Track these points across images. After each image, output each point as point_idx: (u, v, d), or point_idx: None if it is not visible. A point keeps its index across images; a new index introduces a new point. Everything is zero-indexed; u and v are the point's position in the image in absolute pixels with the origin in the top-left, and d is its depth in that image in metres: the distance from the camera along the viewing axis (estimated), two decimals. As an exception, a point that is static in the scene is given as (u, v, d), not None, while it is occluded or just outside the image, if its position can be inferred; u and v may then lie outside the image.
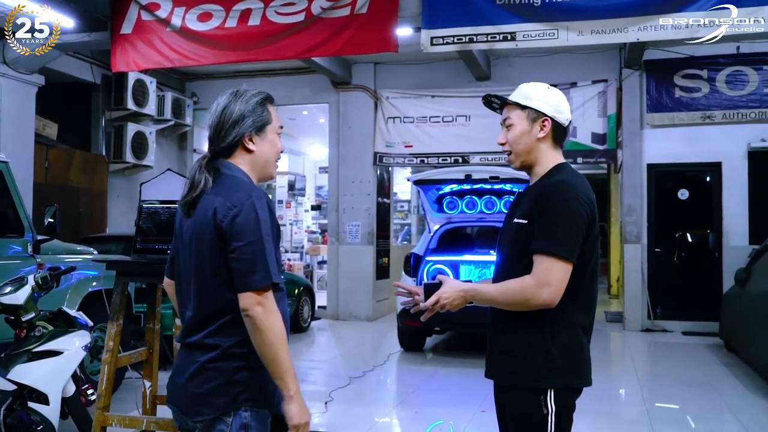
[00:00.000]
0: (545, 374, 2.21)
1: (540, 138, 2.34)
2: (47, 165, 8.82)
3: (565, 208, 2.18)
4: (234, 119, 2.16)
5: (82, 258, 5.98)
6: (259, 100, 2.21)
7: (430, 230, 8.95)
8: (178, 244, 2.24)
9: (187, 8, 7.97)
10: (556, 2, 6.86)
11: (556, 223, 2.17)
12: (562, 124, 2.36)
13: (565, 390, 2.23)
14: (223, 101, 2.20)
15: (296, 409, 2.04)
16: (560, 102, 2.36)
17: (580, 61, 10.21)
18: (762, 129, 9.69)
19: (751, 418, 5.62)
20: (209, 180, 2.13)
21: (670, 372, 7.48)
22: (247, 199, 2.05)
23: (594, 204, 2.26)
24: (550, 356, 2.21)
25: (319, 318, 11.11)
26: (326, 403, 5.94)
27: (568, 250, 2.16)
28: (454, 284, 2.29)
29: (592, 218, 2.23)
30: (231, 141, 2.17)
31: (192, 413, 2.11)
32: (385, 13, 7.39)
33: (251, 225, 2.03)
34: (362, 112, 11.27)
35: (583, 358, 2.29)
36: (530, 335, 2.23)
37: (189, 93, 11.94)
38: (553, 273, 2.15)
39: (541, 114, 2.33)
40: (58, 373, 3.88)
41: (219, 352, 2.07)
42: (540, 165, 2.36)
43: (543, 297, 2.14)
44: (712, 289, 9.81)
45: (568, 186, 2.23)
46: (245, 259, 2.01)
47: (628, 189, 10.26)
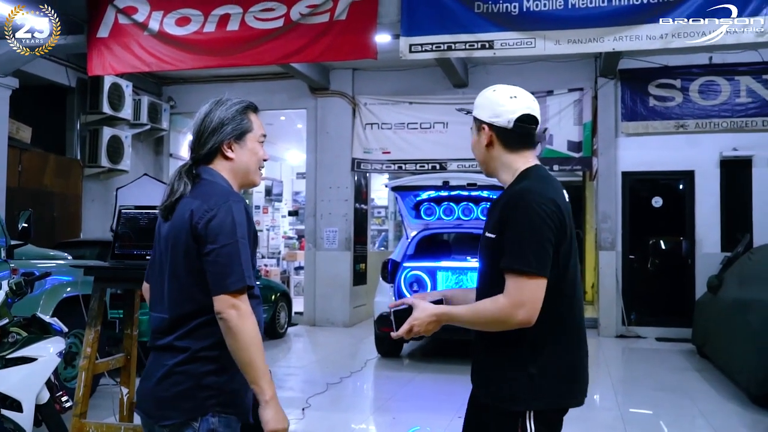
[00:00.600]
0: (523, 396, 2.09)
1: (487, 146, 2.25)
2: (21, 169, 8.70)
3: (528, 220, 2.05)
4: (213, 127, 2.17)
5: (56, 263, 5.91)
6: (240, 108, 2.21)
7: (407, 236, 8.97)
8: (155, 247, 2.25)
9: (165, 12, 7.93)
10: (534, 11, 6.95)
11: (522, 237, 2.05)
12: (505, 126, 2.20)
13: (547, 412, 2.12)
14: (205, 109, 2.21)
15: (272, 413, 2.00)
16: (497, 104, 2.21)
17: (556, 70, 10.32)
18: (734, 138, 9.87)
19: (722, 422, 5.71)
20: (188, 185, 2.13)
21: (643, 377, 7.57)
22: (224, 202, 2.05)
23: (562, 208, 2.11)
24: (529, 377, 2.09)
25: (296, 324, 11.07)
26: (303, 409, 5.92)
27: (537, 266, 2.03)
28: (426, 308, 2.17)
29: (560, 226, 2.09)
30: (210, 148, 2.17)
31: (158, 417, 2.07)
32: (365, 20, 7.41)
33: (227, 228, 2.02)
34: (340, 118, 11.28)
35: (571, 376, 2.16)
36: (509, 354, 2.12)
37: (166, 97, 11.86)
38: (525, 291, 2.02)
39: (481, 122, 2.24)
40: (32, 379, 3.81)
41: (188, 355, 2.04)
42: (504, 172, 2.25)
43: (519, 317, 2.02)
44: (685, 296, 9.96)
45: (530, 194, 2.09)
46: (220, 261, 2.01)
47: (603, 196, 10.38)
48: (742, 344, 6.47)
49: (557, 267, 2.09)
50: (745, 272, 7.26)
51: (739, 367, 6.57)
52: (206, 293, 2.03)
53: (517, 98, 2.21)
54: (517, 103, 2.20)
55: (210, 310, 2.02)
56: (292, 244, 14.77)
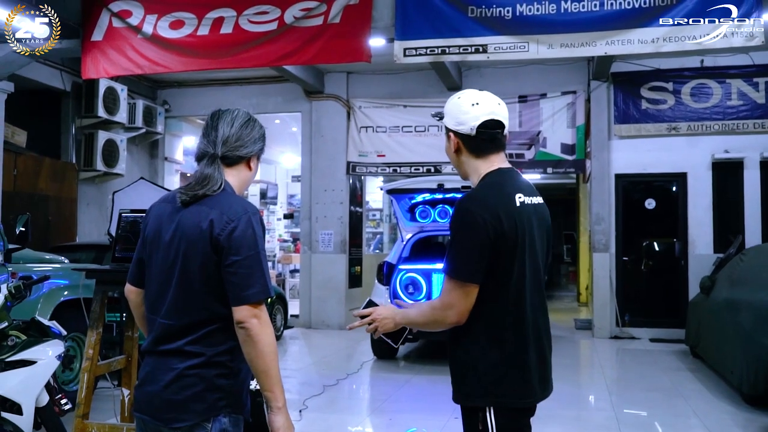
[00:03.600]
0: (476, 392, 2.20)
1: (456, 152, 2.33)
2: (16, 173, 8.71)
3: (462, 228, 2.16)
4: (254, 137, 2.27)
5: (53, 267, 5.93)
6: (264, 131, 2.35)
7: (402, 239, 9.01)
8: (152, 249, 2.21)
9: (159, 15, 7.95)
10: (527, 16, 7.01)
11: (453, 244, 2.19)
12: (468, 133, 2.26)
13: (504, 410, 2.18)
14: (243, 117, 2.28)
15: (283, 420, 2.09)
16: (461, 112, 2.27)
17: (549, 73, 10.39)
18: (725, 140, 9.95)
19: (715, 422, 5.76)
20: (222, 177, 2.17)
21: (638, 378, 7.63)
22: (243, 213, 2.10)
23: (502, 218, 2.14)
24: (478, 374, 2.20)
25: (291, 327, 11.08)
26: (300, 411, 5.95)
27: (465, 273, 2.15)
28: (390, 308, 2.37)
29: (500, 234, 2.13)
30: (243, 153, 2.24)
31: (170, 420, 2.09)
32: (358, 23, 7.45)
33: (249, 239, 2.07)
34: (335, 122, 11.32)
35: (522, 376, 2.20)
36: (463, 352, 2.24)
37: (160, 101, 11.88)
38: (453, 295, 2.17)
39: (448, 129, 2.33)
40: (31, 382, 3.84)
41: (202, 360, 2.07)
42: (473, 176, 2.34)
43: (450, 318, 2.19)
44: (678, 297, 10.04)
45: (469, 202, 2.18)
46: (241, 273, 2.05)
47: (596, 198, 10.44)
48: (734, 344, 6.53)
49: (497, 272, 2.17)
50: (736, 273, 7.32)
51: (731, 367, 6.63)
52: (221, 302, 2.07)
53: (479, 104, 2.26)
54: (479, 109, 2.26)
55: (222, 319, 2.07)
56: (287, 247, 14.78)
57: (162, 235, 2.18)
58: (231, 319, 2.06)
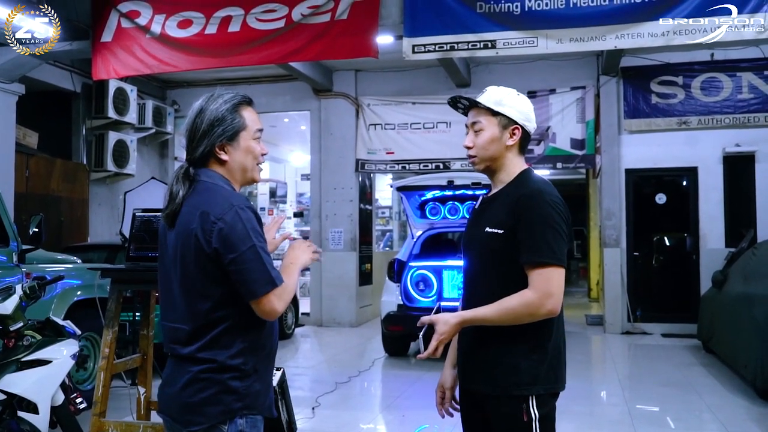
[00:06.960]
0: (527, 381, 2.20)
1: (509, 146, 2.33)
2: (28, 174, 8.76)
3: (549, 218, 2.19)
4: (204, 129, 2.10)
5: (66, 267, 5.96)
6: (230, 106, 2.14)
7: (413, 236, 9.01)
8: (161, 253, 2.22)
9: (168, 15, 7.97)
10: (536, 11, 6.98)
11: (545, 233, 2.17)
12: (530, 132, 2.37)
13: (545, 395, 2.22)
14: (196, 107, 2.16)
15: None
16: (530, 110, 2.36)
17: (558, 68, 10.36)
18: (736, 134, 9.90)
19: (729, 416, 5.74)
20: (187, 189, 2.10)
21: (650, 373, 7.60)
22: (229, 209, 2.01)
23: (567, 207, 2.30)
24: (532, 363, 2.20)
25: (302, 325, 11.12)
26: (313, 408, 5.97)
27: (562, 257, 2.18)
28: (448, 320, 2.20)
29: (569, 222, 2.28)
30: (203, 151, 2.11)
31: (185, 423, 2.08)
32: (366, 20, 7.44)
33: (240, 234, 2.00)
34: (343, 119, 11.33)
35: (561, 361, 2.29)
36: (511, 343, 2.21)
37: (170, 101, 11.92)
38: (553, 282, 2.16)
39: (513, 122, 2.31)
40: (47, 382, 3.87)
41: (215, 366, 2.05)
42: (504, 172, 2.36)
43: (548, 307, 2.15)
44: (690, 292, 9.99)
45: (544, 195, 2.22)
46: (243, 269, 2.00)
47: (606, 193, 10.41)
48: (748, 339, 6.50)
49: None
50: (749, 267, 7.28)
51: (744, 361, 6.60)
52: (227, 303, 2.04)
53: (532, 107, 2.39)
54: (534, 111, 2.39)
55: (230, 318, 2.04)
56: (297, 245, 14.81)
57: (167, 241, 2.17)
58: (235, 318, 2.05)
